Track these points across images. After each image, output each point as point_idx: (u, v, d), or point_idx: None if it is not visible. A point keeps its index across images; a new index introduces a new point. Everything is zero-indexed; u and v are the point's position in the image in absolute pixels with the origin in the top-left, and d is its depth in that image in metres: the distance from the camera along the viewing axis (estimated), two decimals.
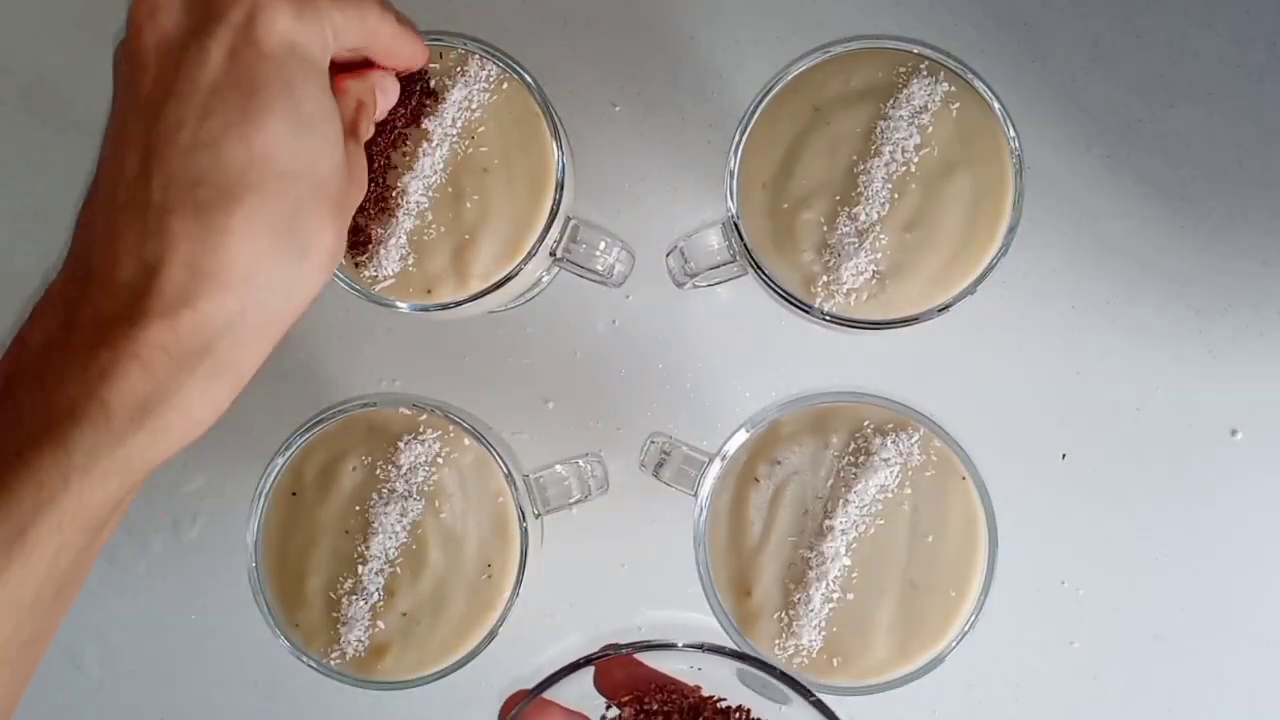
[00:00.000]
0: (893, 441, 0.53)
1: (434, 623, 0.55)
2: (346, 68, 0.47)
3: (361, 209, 0.55)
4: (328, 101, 0.42)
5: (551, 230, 0.55)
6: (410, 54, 0.49)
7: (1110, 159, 0.65)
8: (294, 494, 0.56)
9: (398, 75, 0.51)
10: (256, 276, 0.40)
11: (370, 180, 0.55)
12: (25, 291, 0.67)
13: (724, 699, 0.46)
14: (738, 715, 0.45)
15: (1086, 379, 0.65)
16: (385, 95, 0.49)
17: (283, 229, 0.40)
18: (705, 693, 0.45)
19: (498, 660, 0.56)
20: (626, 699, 0.45)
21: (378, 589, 0.55)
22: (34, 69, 0.67)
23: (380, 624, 0.55)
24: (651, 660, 0.45)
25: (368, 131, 0.47)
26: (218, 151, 0.39)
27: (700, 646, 0.43)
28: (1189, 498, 0.64)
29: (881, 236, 0.53)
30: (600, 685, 0.45)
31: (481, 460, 0.56)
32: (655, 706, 0.44)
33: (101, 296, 0.39)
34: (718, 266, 0.56)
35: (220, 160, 0.39)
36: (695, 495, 0.55)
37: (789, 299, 0.54)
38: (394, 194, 0.54)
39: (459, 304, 0.55)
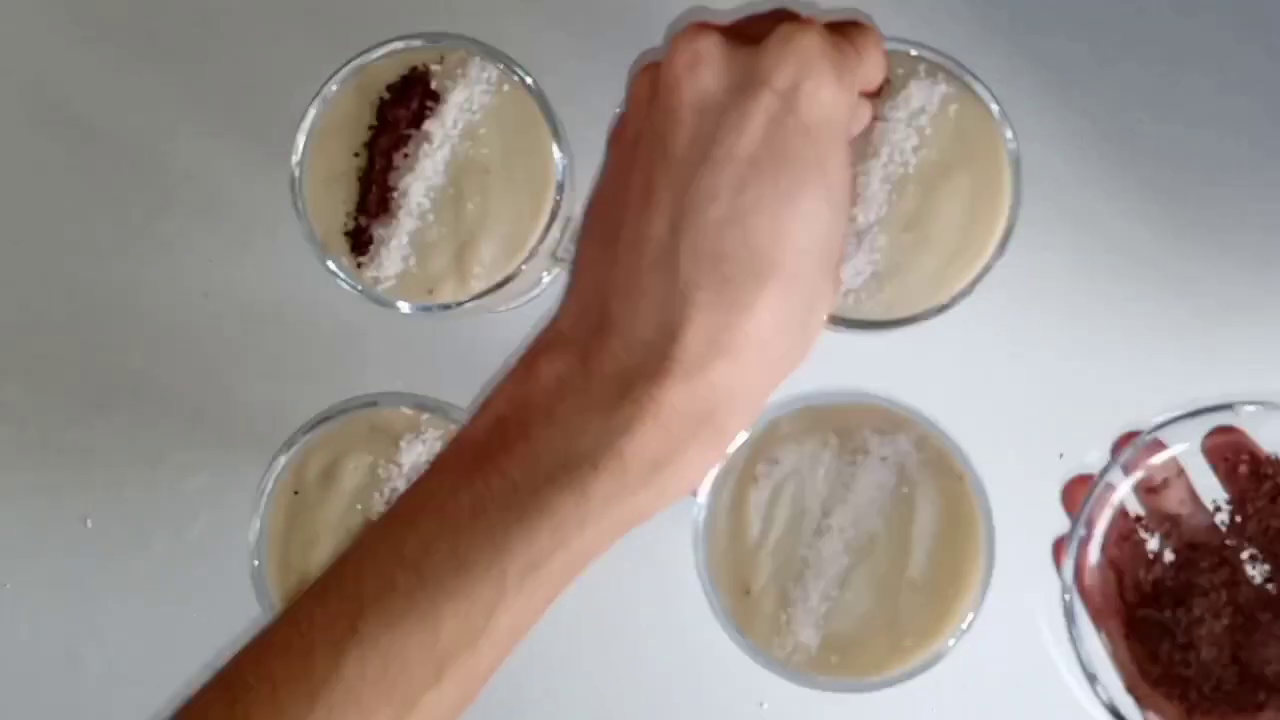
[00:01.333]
0: (891, 441, 0.53)
1: None
2: None
3: (363, 210, 0.55)
4: (849, 173, 0.41)
5: (552, 231, 0.55)
6: (881, 75, 0.47)
7: (1110, 159, 0.65)
8: (296, 493, 0.56)
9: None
10: (766, 350, 0.40)
11: (371, 181, 0.55)
12: (25, 291, 0.67)
13: None
14: None
15: (1086, 379, 0.65)
16: (860, 123, 0.48)
17: (797, 305, 0.40)
18: None
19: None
20: (1244, 458, 0.48)
21: None
22: (34, 68, 0.68)
23: None
24: None
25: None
26: (747, 229, 0.38)
27: None
28: None
29: (880, 238, 0.53)
30: (1207, 449, 0.48)
31: None
32: (1270, 471, 0.48)
33: (621, 349, 0.39)
34: None
35: (749, 238, 0.38)
36: (694, 494, 0.55)
37: None
38: (395, 195, 0.55)
39: (460, 305, 0.55)
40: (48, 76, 0.68)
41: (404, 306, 0.55)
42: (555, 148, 0.55)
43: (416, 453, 0.56)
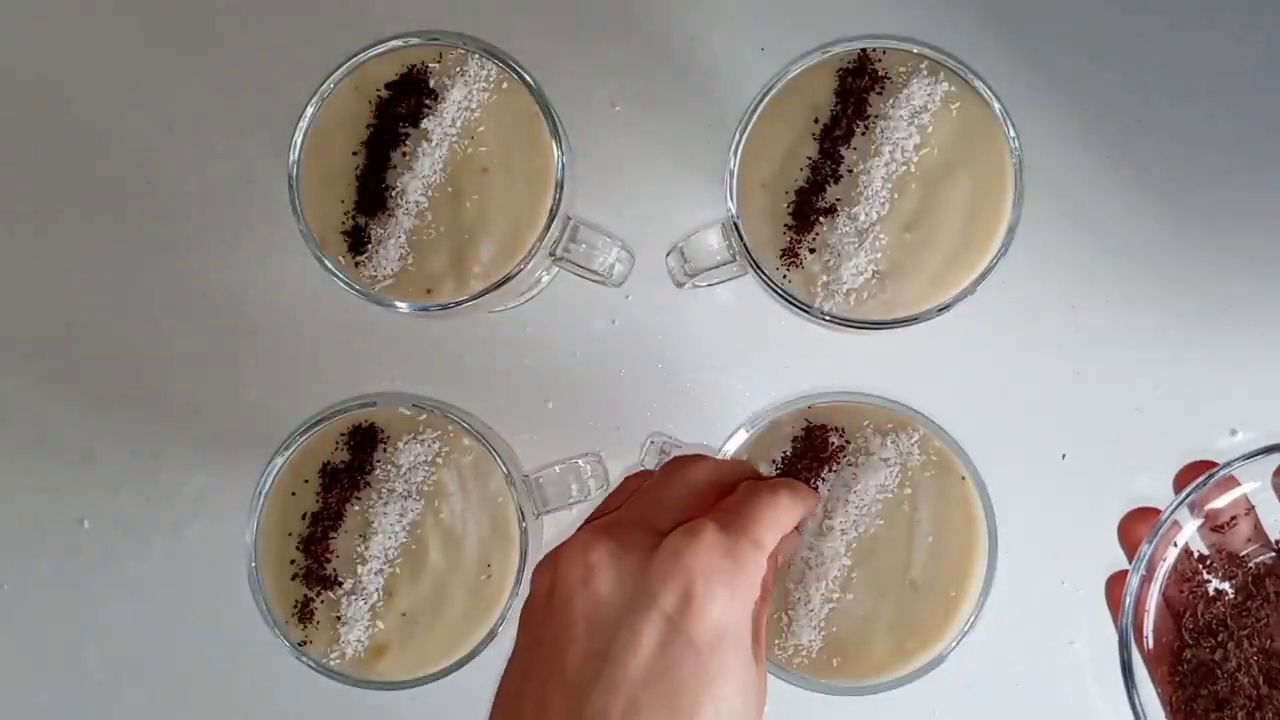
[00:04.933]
0: (893, 441, 0.53)
1: (434, 623, 0.55)
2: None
3: (361, 208, 0.55)
4: (751, 677, 0.40)
5: (551, 230, 0.55)
6: (809, 511, 0.48)
7: (1110, 159, 0.65)
8: (294, 494, 0.56)
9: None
10: None
11: (369, 180, 0.55)
12: (26, 291, 0.67)
13: None
14: None
15: (1086, 379, 0.65)
16: (790, 544, 0.49)
17: None
18: None
19: (498, 660, 0.56)
20: None
21: (377, 589, 0.55)
22: (34, 68, 0.67)
23: (380, 624, 0.55)
24: None
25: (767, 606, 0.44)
26: None
27: None
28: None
29: (881, 236, 0.53)
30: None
31: (481, 460, 0.56)
32: None
33: None
34: (718, 266, 0.56)
35: None
36: None
37: (789, 299, 0.54)
38: (393, 194, 0.54)
39: (459, 304, 0.55)
40: (48, 76, 0.67)
41: (402, 306, 0.55)
42: (555, 146, 0.55)
43: (415, 453, 0.56)
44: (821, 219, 0.54)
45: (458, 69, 0.55)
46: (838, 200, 0.53)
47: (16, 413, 0.67)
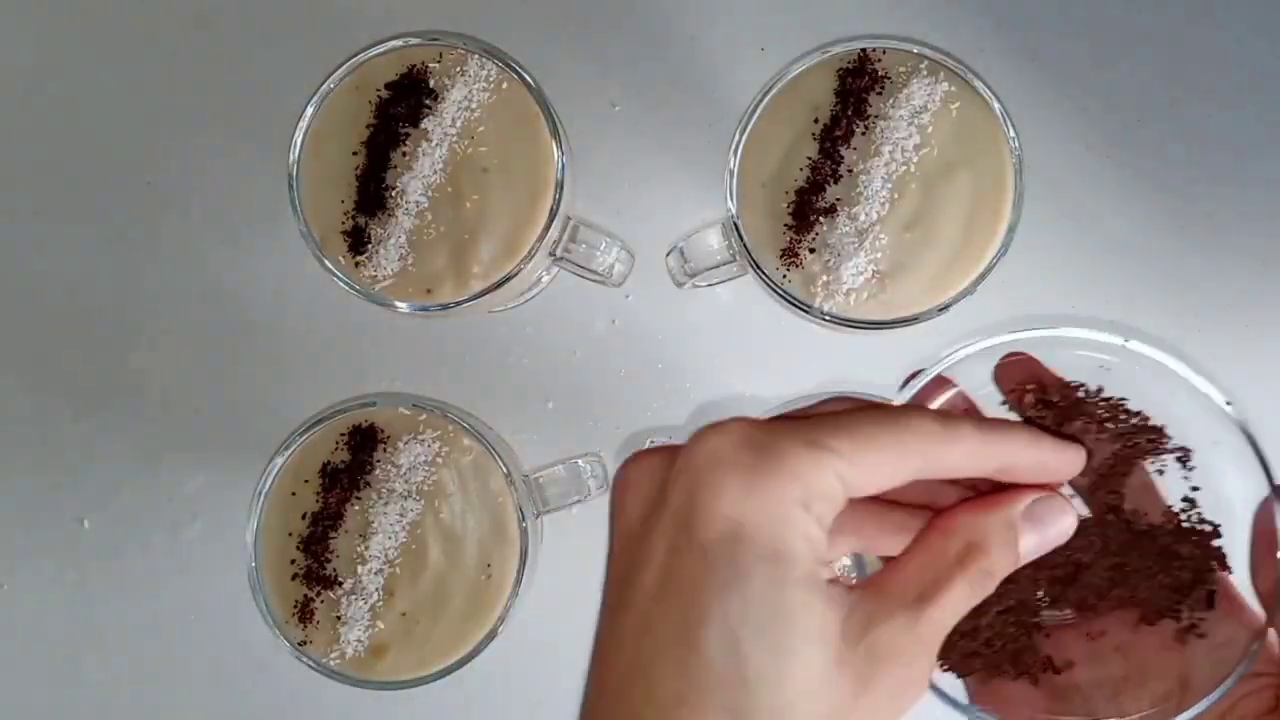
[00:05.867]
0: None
1: (434, 623, 0.55)
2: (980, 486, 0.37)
3: (361, 208, 0.55)
4: (794, 596, 0.32)
5: (551, 230, 0.55)
6: (1051, 466, 0.36)
7: (1110, 159, 0.65)
8: (294, 494, 0.56)
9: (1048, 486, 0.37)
10: None
11: (369, 180, 0.55)
12: (26, 291, 0.67)
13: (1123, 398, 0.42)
14: (1123, 409, 0.42)
15: None
16: (1040, 525, 0.36)
17: None
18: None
19: (498, 660, 0.56)
20: (1030, 387, 0.41)
21: (377, 589, 0.55)
22: (34, 69, 0.67)
23: (380, 624, 0.55)
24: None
25: (966, 592, 0.34)
26: (651, 684, 0.32)
27: (1125, 340, 0.41)
28: None
29: (881, 236, 0.53)
30: (999, 377, 0.40)
31: (481, 460, 0.56)
32: (1056, 398, 0.41)
33: None
34: (718, 266, 0.56)
35: (653, 695, 0.32)
36: None
37: (789, 299, 0.54)
38: (393, 194, 0.54)
39: (459, 304, 0.55)
40: (48, 77, 0.67)
41: (402, 306, 0.55)
42: (554, 146, 0.55)
43: (414, 453, 0.56)
44: (821, 219, 0.54)
45: (458, 69, 0.55)
46: (838, 200, 0.53)
47: (16, 413, 0.67)
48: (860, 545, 0.36)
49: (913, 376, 0.43)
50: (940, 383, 0.41)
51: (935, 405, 0.42)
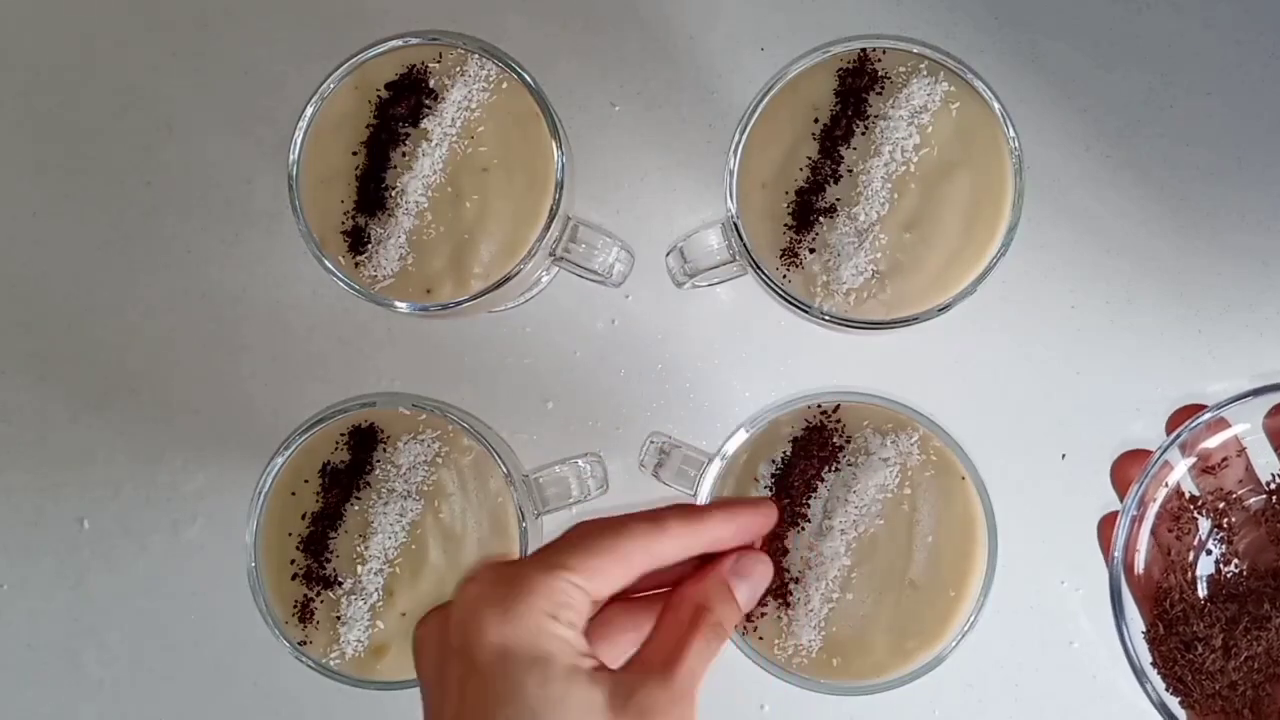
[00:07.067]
0: (892, 441, 0.53)
1: None
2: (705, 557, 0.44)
3: (360, 208, 0.55)
4: (556, 688, 0.38)
5: (551, 230, 0.55)
6: (740, 531, 0.45)
7: (1110, 159, 0.65)
8: (294, 494, 0.56)
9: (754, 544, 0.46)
10: None
11: (369, 180, 0.55)
12: (26, 291, 0.67)
13: None
14: None
15: (1086, 379, 0.65)
16: (747, 577, 0.45)
17: None
18: None
19: None
20: None
21: (377, 589, 0.55)
22: (34, 68, 0.67)
23: (380, 624, 0.55)
24: None
25: (706, 646, 0.42)
26: None
27: None
28: None
29: (881, 236, 0.53)
30: (1269, 426, 0.45)
31: (481, 460, 0.56)
32: None
33: None
34: (717, 266, 0.56)
35: None
36: (695, 495, 0.55)
37: (789, 299, 0.54)
38: (393, 194, 0.54)
39: (458, 304, 0.55)
40: (48, 76, 0.67)
41: (402, 306, 0.55)
42: (555, 146, 0.55)
43: (414, 453, 0.56)
44: (821, 219, 0.54)
45: (458, 69, 0.55)
46: (838, 200, 0.53)
47: (16, 413, 0.67)
48: (626, 638, 0.43)
49: (1183, 412, 0.46)
50: (1219, 424, 0.46)
51: (1210, 444, 0.46)
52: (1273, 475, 0.46)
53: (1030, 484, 0.64)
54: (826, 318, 0.54)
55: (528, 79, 0.55)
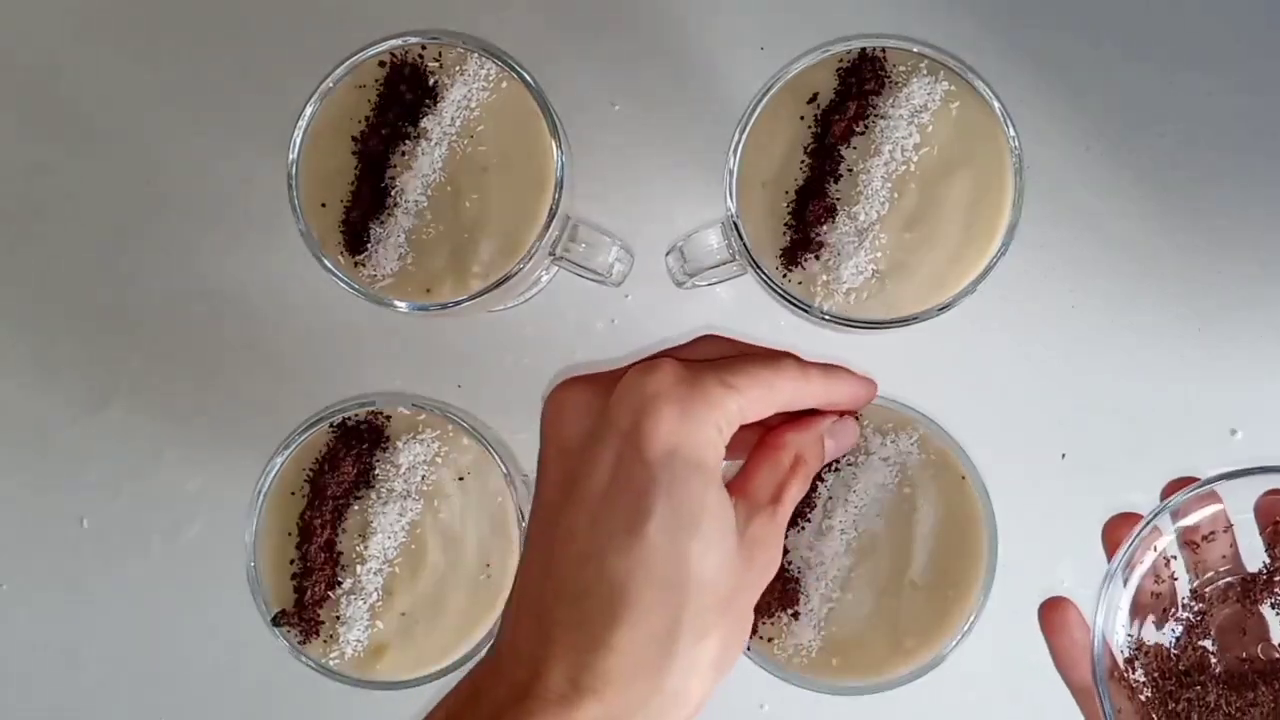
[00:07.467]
0: (892, 441, 0.53)
1: (433, 623, 0.55)
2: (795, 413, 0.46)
3: (360, 208, 0.55)
4: (712, 497, 0.41)
5: (551, 229, 0.55)
6: (850, 397, 0.47)
7: (1110, 159, 0.65)
8: (293, 494, 0.56)
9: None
10: (632, 690, 0.39)
11: (368, 179, 0.55)
12: (26, 291, 0.67)
13: None
14: None
15: (1086, 379, 0.65)
16: (838, 439, 0.47)
17: (662, 642, 0.39)
18: None
19: None
20: None
21: (376, 589, 0.55)
22: (34, 68, 0.67)
23: (379, 624, 0.55)
24: None
25: (799, 489, 0.45)
26: (602, 563, 0.39)
27: None
28: None
29: (881, 236, 0.53)
30: (1260, 509, 0.47)
31: (481, 460, 0.56)
32: None
33: (497, 685, 0.41)
34: (717, 266, 0.56)
35: (604, 572, 0.39)
36: None
37: (789, 299, 0.54)
38: (393, 193, 0.54)
39: (458, 304, 0.55)
40: (48, 76, 0.67)
41: (402, 305, 0.55)
42: (554, 145, 0.55)
43: (414, 452, 0.56)
44: (821, 218, 0.54)
45: (457, 68, 0.55)
46: (838, 200, 0.53)
47: (17, 413, 0.67)
48: (729, 456, 0.44)
49: (1178, 483, 0.47)
50: (1208, 497, 0.47)
51: (1197, 519, 0.47)
52: (1263, 564, 0.47)
53: (1030, 484, 0.64)
54: (826, 317, 0.54)
55: (527, 78, 0.55)
